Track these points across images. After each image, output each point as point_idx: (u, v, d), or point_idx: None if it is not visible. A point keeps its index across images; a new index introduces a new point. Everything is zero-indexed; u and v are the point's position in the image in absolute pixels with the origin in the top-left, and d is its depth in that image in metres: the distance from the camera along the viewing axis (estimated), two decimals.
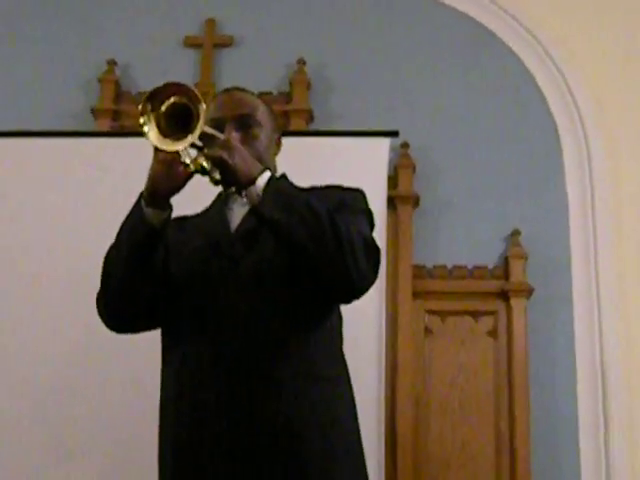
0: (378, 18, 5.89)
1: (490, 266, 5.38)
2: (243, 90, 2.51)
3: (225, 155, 2.06)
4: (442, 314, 5.32)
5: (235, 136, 2.28)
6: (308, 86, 5.65)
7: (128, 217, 2.23)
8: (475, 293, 5.33)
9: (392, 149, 4.98)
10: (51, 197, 4.08)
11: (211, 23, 5.91)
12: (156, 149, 2.07)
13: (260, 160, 2.26)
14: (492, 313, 5.32)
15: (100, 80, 5.74)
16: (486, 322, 5.32)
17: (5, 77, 5.85)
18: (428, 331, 5.30)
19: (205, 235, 2.34)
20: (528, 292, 5.30)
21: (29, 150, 4.13)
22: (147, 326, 2.39)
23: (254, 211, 2.15)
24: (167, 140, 2.04)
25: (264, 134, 2.40)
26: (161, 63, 5.80)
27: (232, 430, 2.13)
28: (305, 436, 2.14)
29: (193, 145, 2.07)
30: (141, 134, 4.25)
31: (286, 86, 5.64)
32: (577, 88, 5.70)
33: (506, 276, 5.34)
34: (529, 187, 5.55)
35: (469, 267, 5.34)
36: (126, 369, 3.87)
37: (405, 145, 5.40)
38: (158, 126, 2.05)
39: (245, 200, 2.25)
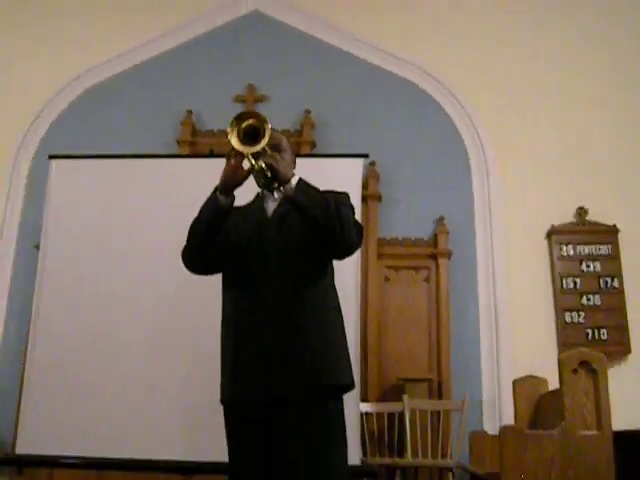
0: (357, 85, 5.91)
1: (426, 238, 5.43)
2: (273, 129, 2.54)
3: (273, 162, 2.16)
4: (396, 268, 5.38)
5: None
6: (312, 126, 5.67)
7: (207, 201, 2.29)
8: (416, 255, 5.38)
9: (364, 166, 5.00)
10: (149, 198, 4.04)
11: (252, 87, 5.93)
12: (230, 154, 2.15)
13: None
14: (427, 268, 5.38)
15: (182, 123, 5.77)
16: (423, 273, 5.38)
17: (124, 122, 5.87)
18: (387, 279, 5.35)
19: (252, 219, 2.38)
20: (449, 255, 5.35)
21: (140, 167, 4.12)
22: (213, 271, 2.44)
23: (289, 199, 2.20)
24: (242, 146, 2.11)
25: (287, 156, 2.42)
26: (220, 112, 5.80)
27: (271, 334, 2.18)
28: (311, 339, 2.19)
29: (255, 154, 2.14)
30: (208, 156, 4.26)
31: (298, 126, 5.67)
32: (481, 128, 5.73)
33: (435, 245, 5.39)
34: (450, 189, 5.59)
35: (412, 239, 5.39)
36: (197, 305, 3.74)
37: (372, 163, 5.44)
38: (238, 136, 2.12)
39: (276, 197, 2.36)
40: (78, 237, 3.93)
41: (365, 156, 4.62)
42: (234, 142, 2.11)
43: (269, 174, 2.17)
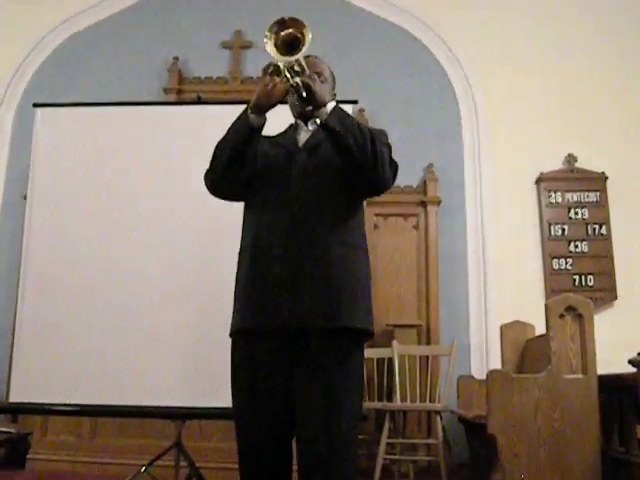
0: (346, 30, 5.82)
1: (415, 185, 5.41)
2: (316, 57, 2.35)
3: (311, 82, 2.03)
4: (385, 215, 5.39)
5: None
6: None
7: (236, 120, 2.15)
8: (405, 202, 5.38)
9: (353, 112, 4.92)
10: (136, 145, 3.96)
11: (238, 33, 5.84)
12: (266, 70, 2.02)
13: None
14: (416, 215, 5.39)
15: (168, 70, 5.68)
16: (412, 221, 5.40)
17: (109, 70, 5.79)
18: (376, 226, 5.36)
19: (282, 146, 2.21)
20: (438, 202, 5.36)
21: (126, 114, 4.04)
22: (235, 196, 2.27)
23: (323, 124, 2.05)
24: (280, 55, 1.97)
25: (328, 87, 2.29)
26: (207, 58, 5.76)
27: (289, 261, 2.03)
28: (339, 276, 2.04)
29: (293, 69, 2.03)
30: (195, 103, 4.18)
31: None
32: (471, 75, 5.69)
33: (425, 192, 5.38)
34: (440, 135, 5.58)
35: (402, 186, 5.37)
36: (189, 250, 3.68)
37: (362, 110, 5.40)
38: (275, 44, 1.98)
39: (310, 128, 2.23)
40: (65, 186, 3.87)
41: (354, 102, 4.57)
42: (270, 50, 1.97)
43: (304, 94, 2.04)
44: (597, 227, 5.29)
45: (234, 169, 2.14)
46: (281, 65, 2.00)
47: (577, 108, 5.53)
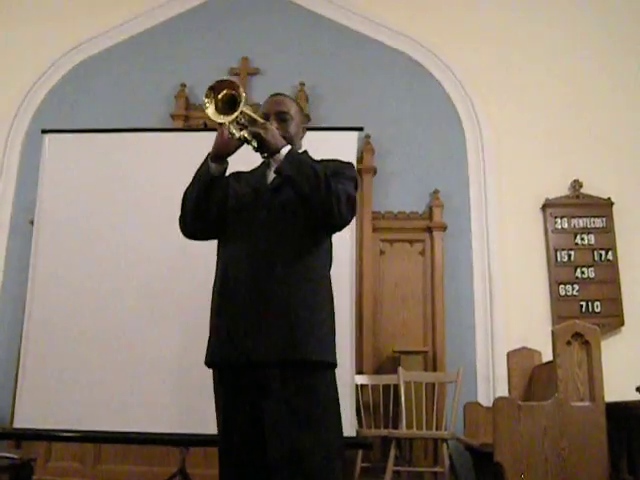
0: (351, 57, 5.86)
1: (420, 212, 5.42)
2: (284, 95, 2.44)
3: (261, 132, 2.11)
4: (390, 241, 5.38)
5: (274, 124, 2.26)
6: (306, 99, 5.62)
7: (200, 168, 2.25)
8: (411, 228, 5.38)
9: (359, 139, 4.94)
10: (143, 171, 3.98)
11: (245, 60, 5.89)
12: (217, 123, 2.10)
13: (290, 140, 2.25)
14: (421, 241, 5.38)
15: (176, 97, 5.73)
16: (418, 246, 5.39)
17: (117, 96, 5.85)
18: (382, 252, 5.35)
19: (252, 185, 2.32)
20: (444, 228, 5.35)
21: (134, 141, 4.07)
22: (207, 237, 2.37)
23: (277, 170, 2.15)
24: (220, 116, 2.07)
25: (294, 124, 2.36)
26: None
27: (252, 296, 2.12)
28: (291, 309, 2.11)
29: (240, 122, 2.11)
30: (200, 129, 4.21)
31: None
32: (476, 101, 5.71)
33: (430, 218, 5.38)
34: (445, 161, 5.58)
35: (407, 212, 5.38)
36: (191, 276, 3.67)
37: (367, 136, 5.42)
38: (215, 106, 2.08)
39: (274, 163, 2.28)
40: (72, 211, 3.90)
41: (360, 129, 4.60)
42: (210, 112, 2.08)
43: (255, 144, 2.13)
44: (603, 253, 5.28)
45: (201, 215, 2.26)
46: (226, 123, 2.09)
47: (582, 134, 5.54)
